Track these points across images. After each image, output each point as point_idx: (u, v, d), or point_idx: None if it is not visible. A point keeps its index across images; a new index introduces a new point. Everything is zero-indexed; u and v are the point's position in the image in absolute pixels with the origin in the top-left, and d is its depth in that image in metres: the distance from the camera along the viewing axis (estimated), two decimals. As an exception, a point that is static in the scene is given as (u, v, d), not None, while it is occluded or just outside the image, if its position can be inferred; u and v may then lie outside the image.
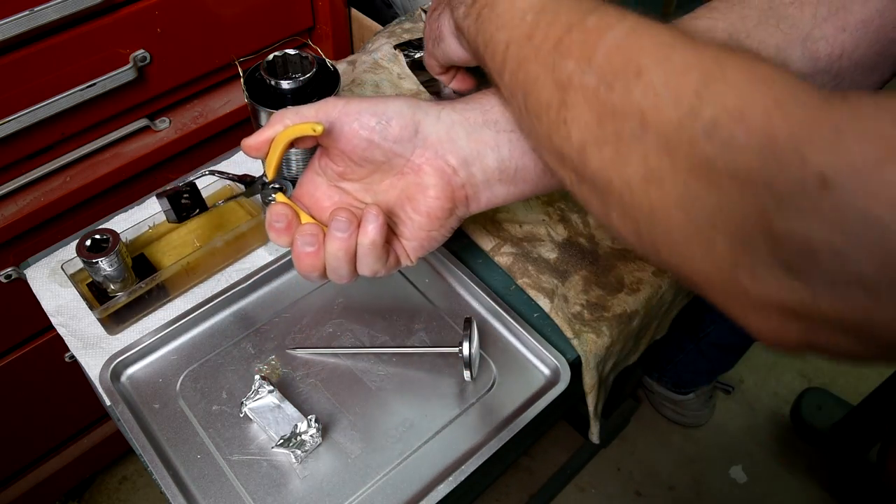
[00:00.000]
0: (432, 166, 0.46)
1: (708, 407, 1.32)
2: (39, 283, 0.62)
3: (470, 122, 0.46)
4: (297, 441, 0.50)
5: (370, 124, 0.45)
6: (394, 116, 0.45)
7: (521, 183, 0.47)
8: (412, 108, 0.46)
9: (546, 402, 0.54)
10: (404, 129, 0.45)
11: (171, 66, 0.78)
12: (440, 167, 0.46)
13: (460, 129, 0.46)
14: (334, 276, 0.47)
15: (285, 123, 0.45)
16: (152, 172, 0.83)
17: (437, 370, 0.57)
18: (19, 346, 0.85)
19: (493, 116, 0.46)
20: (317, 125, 0.43)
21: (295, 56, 0.63)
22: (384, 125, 0.45)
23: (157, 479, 0.49)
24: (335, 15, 0.90)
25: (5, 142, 0.69)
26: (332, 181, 0.49)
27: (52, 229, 0.78)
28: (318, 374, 0.56)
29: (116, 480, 1.20)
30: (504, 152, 0.46)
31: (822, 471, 1.27)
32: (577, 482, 1.24)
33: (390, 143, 0.45)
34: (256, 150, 0.46)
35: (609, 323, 0.59)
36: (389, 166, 0.47)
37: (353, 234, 0.45)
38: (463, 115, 0.46)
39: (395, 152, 0.46)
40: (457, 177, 0.46)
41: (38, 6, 0.63)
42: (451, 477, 0.49)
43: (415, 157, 0.46)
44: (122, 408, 0.53)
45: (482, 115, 0.46)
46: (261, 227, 0.64)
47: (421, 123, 0.46)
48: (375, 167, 0.47)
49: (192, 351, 0.57)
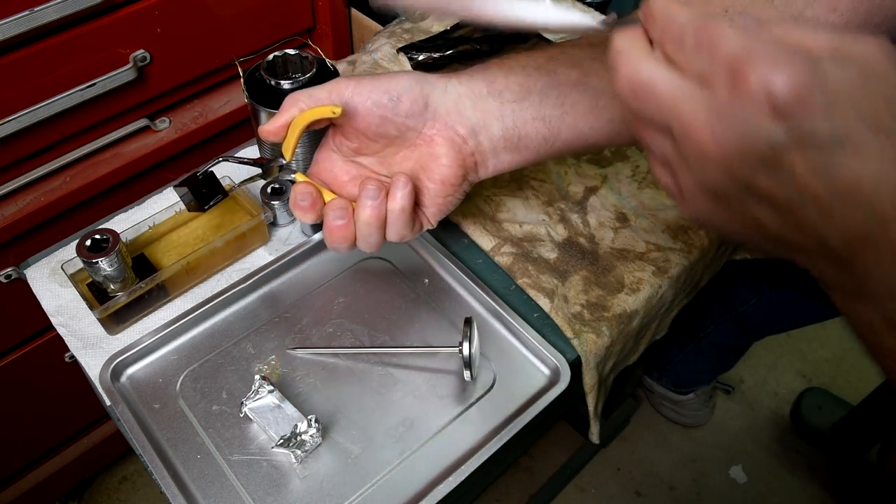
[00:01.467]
0: (443, 137, 0.49)
1: (708, 407, 1.32)
2: (39, 283, 0.62)
3: (475, 93, 0.49)
4: (297, 441, 0.50)
5: (382, 102, 0.47)
6: (404, 93, 0.48)
7: (524, 151, 0.50)
8: (420, 83, 0.48)
9: (546, 402, 0.54)
10: (414, 103, 0.48)
11: (171, 66, 0.78)
12: (450, 137, 0.49)
13: (466, 101, 0.49)
14: (364, 244, 0.50)
15: (300, 107, 0.48)
16: (152, 172, 0.83)
17: (437, 370, 0.57)
18: (19, 346, 0.85)
19: (497, 87, 0.49)
20: (336, 107, 0.46)
21: (295, 56, 0.63)
22: (395, 102, 0.48)
23: (157, 479, 0.49)
24: (335, 15, 0.90)
25: (5, 142, 0.69)
26: (348, 157, 0.52)
27: (52, 229, 0.78)
28: (318, 374, 0.56)
29: (116, 480, 1.20)
30: (508, 122, 0.49)
31: (822, 471, 1.27)
32: (577, 482, 1.24)
33: (402, 118, 0.48)
34: (275, 135, 0.49)
35: (609, 323, 0.59)
36: (402, 139, 0.50)
37: (383, 201, 0.48)
38: (469, 86, 0.49)
39: (407, 126, 0.49)
40: (466, 145, 0.49)
41: (38, 6, 0.63)
42: (451, 477, 0.49)
43: (426, 129, 0.49)
44: (122, 408, 0.53)
45: (487, 85, 0.49)
46: (261, 226, 0.64)
47: (430, 97, 0.48)
48: (389, 141, 0.50)
49: (192, 351, 0.57)
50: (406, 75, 0.49)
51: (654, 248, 0.65)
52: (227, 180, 0.66)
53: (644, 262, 0.64)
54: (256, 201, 0.65)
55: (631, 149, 0.73)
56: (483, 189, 0.69)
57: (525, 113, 0.49)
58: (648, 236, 0.66)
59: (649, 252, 0.65)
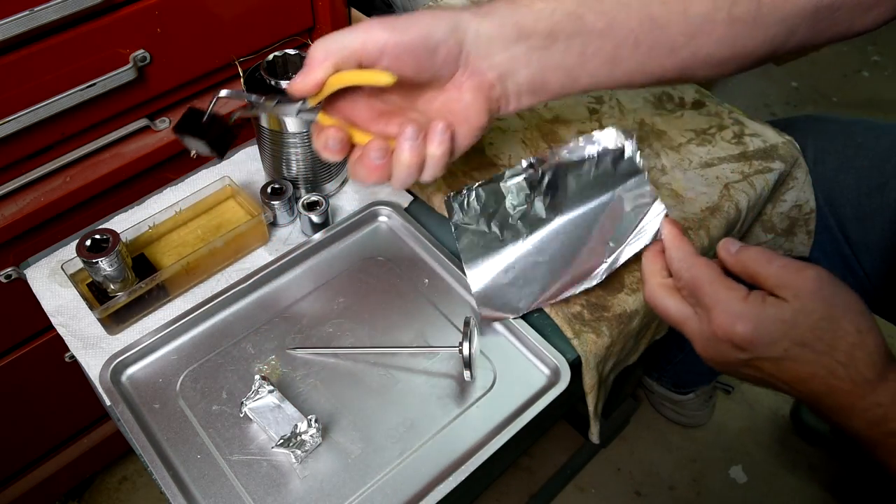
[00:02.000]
0: (472, 83, 0.51)
1: (708, 407, 1.32)
2: (39, 283, 0.62)
3: (505, 36, 0.50)
4: (297, 441, 0.50)
5: (419, 52, 0.48)
6: (440, 43, 0.48)
7: (543, 94, 0.53)
8: (454, 29, 0.49)
9: (546, 402, 0.54)
10: (450, 52, 0.49)
11: (171, 66, 0.77)
12: (479, 83, 0.51)
13: (497, 45, 0.50)
14: (398, 183, 0.51)
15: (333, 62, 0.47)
16: (152, 172, 0.83)
17: (437, 370, 0.57)
18: (19, 346, 0.84)
19: (526, 32, 0.50)
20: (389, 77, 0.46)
21: (295, 56, 0.63)
22: (432, 52, 0.48)
23: (157, 479, 0.49)
24: (335, 15, 0.90)
25: (5, 142, 0.69)
26: (372, 94, 0.52)
27: (52, 229, 0.78)
28: (318, 374, 0.56)
29: (116, 480, 1.20)
30: (534, 69, 0.51)
31: (822, 471, 1.27)
32: (577, 482, 1.24)
33: (437, 66, 0.49)
34: (308, 93, 0.49)
35: (609, 323, 0.59)
36: (433, 83, 0.51)
37: (423, 144, 0.49)
38: (500, 29, 0.50)
39: (440, 73, 0.50)
40: (493, 90, 0.51)
41: (38, 6, 0.62)
42: (451, 477, 0.49)
43: (457, 75, 0.51)
44: (122, 408, 0.53)
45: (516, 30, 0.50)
46: (261, 226, 0.64)
47: (463, 43, 0.49)
48: (418, 84, 0.51)
49: (192, 351, 0.57)
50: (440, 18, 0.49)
51: (654, 248, 0.65)
52: (228, 181, 0.66)
53: (644, 262, 0.64)
54: (256, 201, 0.65)
55: (631, 149, 0.73)
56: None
57: (549, 61, 0.51)
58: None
59: (649, 252, 0.64)
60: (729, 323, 0.44)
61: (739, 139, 0.74)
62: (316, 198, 0.64)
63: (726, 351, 0.45)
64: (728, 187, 0.69)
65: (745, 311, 0.44)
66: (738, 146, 0.74)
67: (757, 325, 0.43)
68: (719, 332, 0.44)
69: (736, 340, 0.44)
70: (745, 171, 0.71)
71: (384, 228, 0.67)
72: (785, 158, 0.73)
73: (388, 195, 0.69)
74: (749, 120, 0.76)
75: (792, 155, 0.73)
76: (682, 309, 0.48)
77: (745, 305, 0.44)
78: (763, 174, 0.71)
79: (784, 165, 0.72)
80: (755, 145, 0.73)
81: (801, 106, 1.92)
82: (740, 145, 0.74)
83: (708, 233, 0.66)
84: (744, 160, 0.72)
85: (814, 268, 0.44)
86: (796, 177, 0.75)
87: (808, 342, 0.43)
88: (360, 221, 0.66)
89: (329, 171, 0.67)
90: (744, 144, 0.74)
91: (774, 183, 0.72)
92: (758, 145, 0.73)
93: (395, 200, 0.68)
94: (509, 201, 0.59)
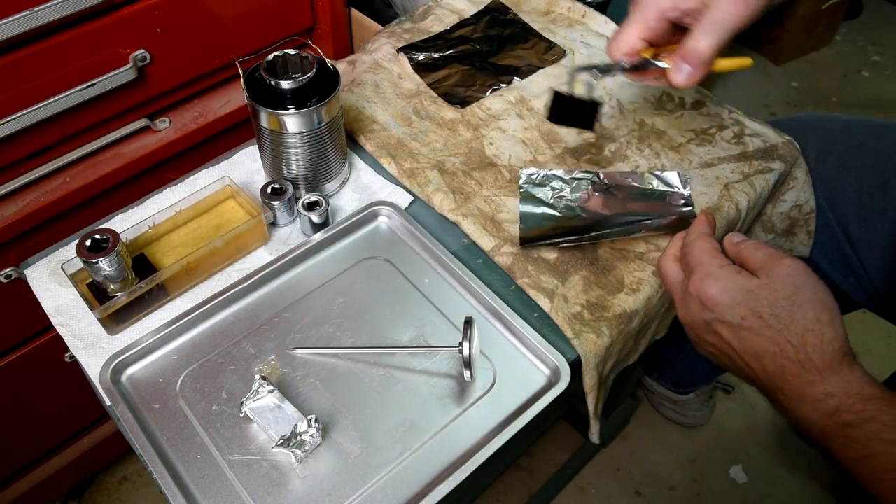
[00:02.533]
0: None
1: (708, 407, 1.32)
2: (39, 283, 0.62)
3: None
4: (297, 441, 0.50)
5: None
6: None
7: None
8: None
9: (546, 402, 0.54)
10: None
11: (171, 66, 0.78)
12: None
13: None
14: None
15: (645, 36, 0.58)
16: (152, 172, 0.83)
17: (437, 370, 0.57)
18: (19, 346, 0.85)
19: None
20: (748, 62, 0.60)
21: (295, 56, 0.63)
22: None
23: (157, 479, 0.49)
24: (335, 15, 0.90)
25: (5, 142, 0.69)
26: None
27: (52, 229, 0.78)
28: (318, 374, 0.56)
29: (116, 480, 1.20)
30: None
31: (822, 471, 1.27)
32: (577, 482, 1.24)
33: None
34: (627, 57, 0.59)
35: (609, 323, 0.59)
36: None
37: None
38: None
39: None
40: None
41: (38, 6, 0.63)
42: (451, 477, 0.49)
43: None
44: (122, 408, 0.53)
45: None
46: (261, 226, 0.64)
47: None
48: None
49: (192, 351, 0.57)
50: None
51: (654, 248, 0.65)
52: (228, 181, 0.66)
53: (644, 262, 0.64)
54: (256, 201, 0.65)
55: (631, 149, 0.73)
56: (483, 189, 0.69)
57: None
58: (648, 236, 0.66)
59: (649, 252, 0.65)
60: (700, 280, 0.50)
61: (739, 139, 0.74)
62: (316, 198, 0.64)
63: (695, 310, 0.51)
64: (728, 187, 0.69)
65: (718, 274, 0.49)
66: (738, 146, 0.74)
67: (724, 287, 0.49)
68: (692, 289, 0.50)
69: (703, 298, 0.49)
70: (745, 171, 0.71)
71: (384, 228, 0.67)
72: (785, 158, 0.73)
73: (388, 195, 0.69)
74: (749, 120, 0.76)
75: (792, 155, 0.73)
76: (676, 274, 0.54)
77: (719, 270, 0.50)
78: (763, 174, 0.71)
79: (784, 165, 0.72)
80: (755, 145, 0.74)
81: (801, 106, 1.92)
82: (740, 145, 0.74)
83: (708, 233, 0.66)
84: (744, 160, 0.72)
85: (795, 260, 0.49)
86: (796, 177, 0.75)
87: (764, 316, 0.47)
88: (360, 221, 0.66)
89: (329, 171, 0.67)
90: (744, 144, 0.74)
91: (774, 183, 0.72)
92: (758, 145, 0.74)
93: (395, 200, 0.68)
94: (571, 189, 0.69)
